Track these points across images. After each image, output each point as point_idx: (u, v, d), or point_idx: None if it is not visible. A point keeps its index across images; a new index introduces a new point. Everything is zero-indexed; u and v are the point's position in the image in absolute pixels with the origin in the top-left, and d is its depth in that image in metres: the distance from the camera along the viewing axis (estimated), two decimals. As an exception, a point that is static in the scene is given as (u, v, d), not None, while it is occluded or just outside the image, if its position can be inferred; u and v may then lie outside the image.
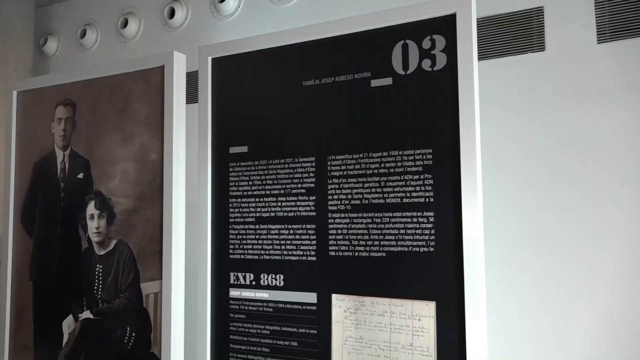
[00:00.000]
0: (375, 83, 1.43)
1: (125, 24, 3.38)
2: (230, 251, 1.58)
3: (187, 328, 1.64)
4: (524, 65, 2.22)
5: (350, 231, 1.42)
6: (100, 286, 1.75)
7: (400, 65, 1.41)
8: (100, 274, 1.76)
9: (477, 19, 2.16)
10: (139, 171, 1.72)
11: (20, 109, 2.05)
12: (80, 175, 1.84)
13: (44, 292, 1.91)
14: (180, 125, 1.68)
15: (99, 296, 1.75)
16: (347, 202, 1.43)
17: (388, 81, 1.42)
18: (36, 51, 3.75)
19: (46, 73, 3.78)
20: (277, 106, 1.55)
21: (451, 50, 1.35)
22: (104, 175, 1.79)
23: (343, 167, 1.44)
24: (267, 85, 1.58)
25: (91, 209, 1.80)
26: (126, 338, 1.68)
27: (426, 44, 1.38)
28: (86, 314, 1.77)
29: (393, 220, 1.37)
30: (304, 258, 1.47)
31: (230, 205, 1.59)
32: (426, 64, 1.38)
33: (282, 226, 1.51)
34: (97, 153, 1.82)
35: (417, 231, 1.34)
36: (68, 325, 1.82)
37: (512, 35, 2.24)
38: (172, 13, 3.17)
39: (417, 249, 1.34)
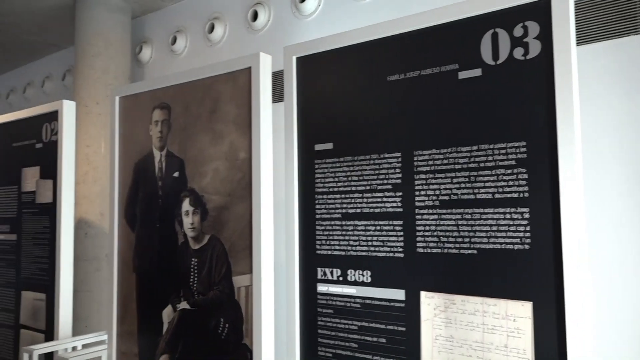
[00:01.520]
0: (463, 75, 1.39)
1: (212, 29, 3.54)
2: (317, 247, 1.61)
3: (277, 320, 1.69)
4: (624, 49, 2.05)
5: (439, 227, 1.38)
6: (196, 279, 1.85)
7: (490, 55, 1.35)
8: (196, 267, 1.86)
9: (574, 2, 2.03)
10: (229, 169, 1.79)
11: (121, 113, 2.21)
12: (176, 174, 1.96)
13: (145, 283, 2.06)
14: (267, 124, 1.73)
15: (194, 288, 1.85)
16: (435, 197, 1.40)
17: (477, 72, 1.37)
18: (133, 59, 4.03)
19: (141, 79, 4.05)
20: (362, 102, 1.55)
21: (546, 36, 1.28)
22: (197, 174, 1.88)
23: (430, 162, 1.41)
24: (351, 82, 1.58)
25: (186, 205, 1.90)
26: (220, 328, 1.76)
27: (518, 31, 1.32)
28: (183, 305, 1.88)
29: (484, 216, 1.32)
30: (390, 255, 1.46)
31: (317, 201, 1.62)
32: (518, 53, 1.31)
33: (369, 222, 1.51)
34: (191, 153, 1.92)
35: (511, 228, 1.28)
36: (167, 314, 1.94)
37: (612, 18, 2.08)
38: (255, 16, 3.27)
39: (511, 247, 1.28)
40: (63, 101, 2.40)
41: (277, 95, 2.39)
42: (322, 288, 1.59)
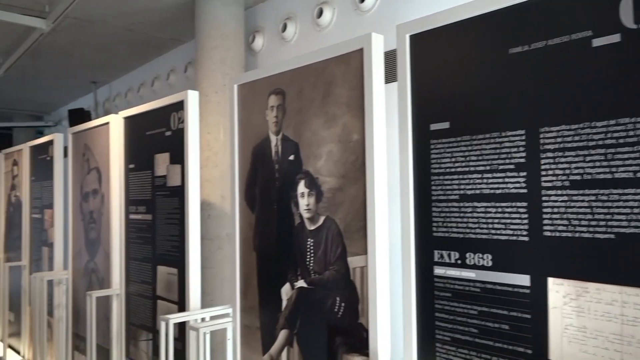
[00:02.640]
0: (597, 42, 1.26)
1: (320, 13, 3.58)
2: (434, 229, 1.57)
3: (392, 301, 1.69)
4: None
5: (569, 210, 1.28)
6: (312, 258, 1.91)
7: (631, 18, 1.21)
8: (312, 247, 1.91)
9: None
10: (342, 151, 1.81)
11: (239, 100, 2.33)
12: (291, 157, 2.02)
13: (265, 261, 2.17)
14: (380, 105, 1.72)
15: (311, 267, 1.92)
16: (564, 177, 1.30)
17: (615, 38, 1.23)
18: (246, 48, 4.21)
19: (254, 67, 4.23)
20: (481, 78, 1.48)
21: (703, -9, 1.11)
22: (312, 156, 1.93)
23: (559, 140, 1.31)
24: (469, 57, 1.51)
25: (301, 187, 1.96)
26: (336, 307, 1.81)
27: (667, -12, 1.16)
28: (300, 283, 1.96)
29: (624, 197, 1.20)
30: (513, 238, 1.39)
31: (433, 182, 1.58)
32: (667, 13, 1.16)
33: (489, 204, 1.44)
34: (305, 136, 1.97)
35: (657, 210, 1.15)
36: (286, 292, 2.04)
37: None
38: (363, -4, 3.25)
39: (658, 231, 1.15)
40: (188, 92, 2.59)
41: (390, 75, 2.36)
42: (439, 271, 1.56)
